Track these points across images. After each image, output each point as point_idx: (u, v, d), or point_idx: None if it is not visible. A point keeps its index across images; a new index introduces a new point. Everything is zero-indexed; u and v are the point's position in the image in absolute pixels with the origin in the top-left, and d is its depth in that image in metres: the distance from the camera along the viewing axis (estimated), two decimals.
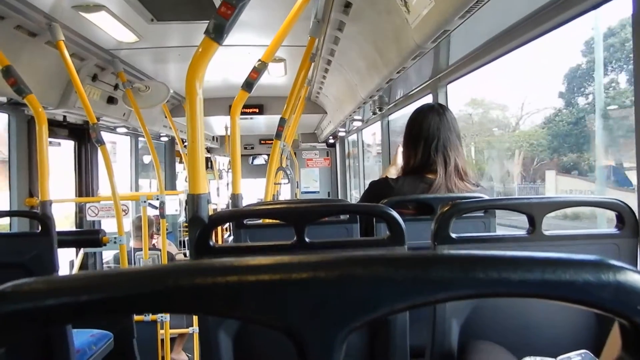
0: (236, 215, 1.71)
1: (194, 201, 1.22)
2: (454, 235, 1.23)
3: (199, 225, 1.21)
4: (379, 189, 1.98)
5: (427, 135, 1.95)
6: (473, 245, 1.23)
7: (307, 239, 1.24)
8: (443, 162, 1.92)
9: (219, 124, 7.11)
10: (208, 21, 3.27)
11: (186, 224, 7.48)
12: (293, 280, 0.35)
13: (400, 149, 2.25)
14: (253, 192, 8.65)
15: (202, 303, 0.35)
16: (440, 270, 0.34)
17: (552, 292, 0.34)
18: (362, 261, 0.35)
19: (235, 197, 2.13)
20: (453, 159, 1.94)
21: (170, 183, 7.29)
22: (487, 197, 1.72)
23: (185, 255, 4.99)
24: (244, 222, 1.88)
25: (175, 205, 4.56)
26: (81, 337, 2.44)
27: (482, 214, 1.82)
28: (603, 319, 1.24)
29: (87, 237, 2.98)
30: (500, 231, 1.84)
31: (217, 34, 1.24)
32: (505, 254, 0.36)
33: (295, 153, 7.72)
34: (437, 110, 2.04)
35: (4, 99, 3.26)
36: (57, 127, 4.15)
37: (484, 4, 1.64)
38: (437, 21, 1.87)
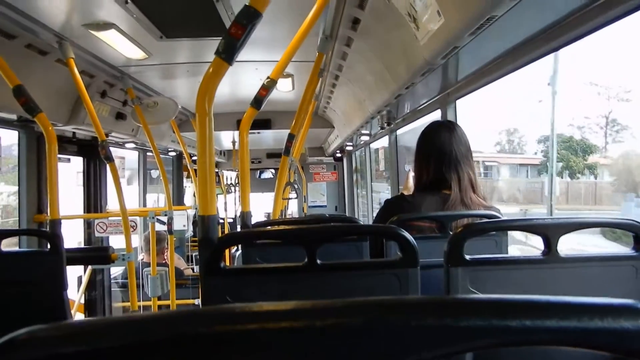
0: (246, 237, 1.70)
1: (204, 222, 1.21)
2: (467, 257, 1.20)
3: (210, 246, 1.20)
4: (395, 206, 1.97)
5: (439, 152, 1.96)
6: (487, 268, 1.21)
7: (318, 261, 1.22)
8: (457, 178, 1.92)
9: (227, 138, 7.13)
10: (216, 38, 3.27)
11: (194, 239, 7.48)
12: (317, 327, 0.33)
13: (412, 174, 2.24)
14: (260, 206, 8.63)
15: (221, 352, 0.34)
16: (471, 318, 0.33)
17: (590, 340, 0.33)
18: (389, 307, 0.34)
19: (244, 215, 2.12)
20: (466, 173, 1.93)
21: (177, 198, 7.30)
22: (500, 217, 1.70)
23: (193, 270, 4.97)
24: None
25: (183, 220, 4.56)
26: None
27: (494, 233, 1.79)
28: None
29: (96, 254, 2.98)
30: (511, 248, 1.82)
31: (227, 54, 1.24)
32: (539, 299, 0.34)
33: (302, 167, 7.71)
34: (447, 126, 2.06)
35: (14, 117, 3.29)
36: (67, 144, 4.17)
37: (495, 21, 1.63)
38: (447, 38, 1.86)
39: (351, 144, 6.63)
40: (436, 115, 3.19)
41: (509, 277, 1.20)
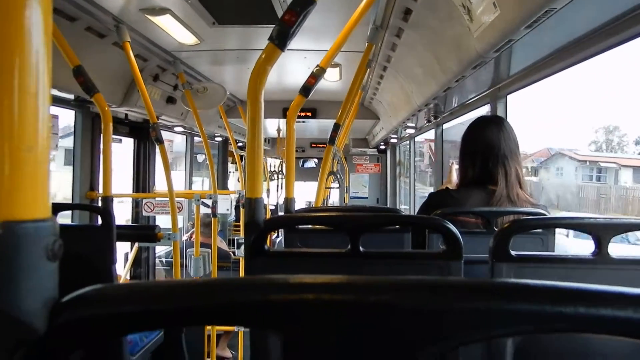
0: (292, 221, 1.72)
1: (251, 205, 1.24)
2: (513, 253, 1.19)
3: (255, 229, 1.22)
4: (439, 200, 1.95)
5: (486, 147, 1.93)
6: (533, 265, 1.19)
7: (361, 248, 1.23)
8: (504, 173, 1.90)
9: (271, 125, 7.20)
10: (267, 26, 3.31)
11: (236, 223, 7.61)
12: (370, 302, 0.34)
13: (455, 166, 2.21)
14: (302, 194, 8.69)
15: (277, 318, 0.35)
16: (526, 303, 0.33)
17: None
18: (442, 288, 0.34)
19: (288, 201, 2.15)
20: (514, 169, 1.91)
21: (221, 183, 7.44)
22: (547, 215, 1.66)
23: (234, 254, 5.07)
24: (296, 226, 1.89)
25: (226, 204, 4.65)
26: None
27: (541, 231, 1.76)
28: None
29: (143, 232, 3.08)
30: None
31: (280, 40, 1.25)
32: (594, 288, 0.34)
33: (345, 157, 7.72)
34: (495, 121, 2.03)
35: (71, 96, 3.43)
36: (119, 125, 4.32)
37: (553, 14, 1.58)
38: (502, 30, 1.82)
39: (396, 136, 6.58)
40: (485, 110, 3.13)
41: (555, 276, 1.18)
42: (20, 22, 0.36)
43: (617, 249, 1.19)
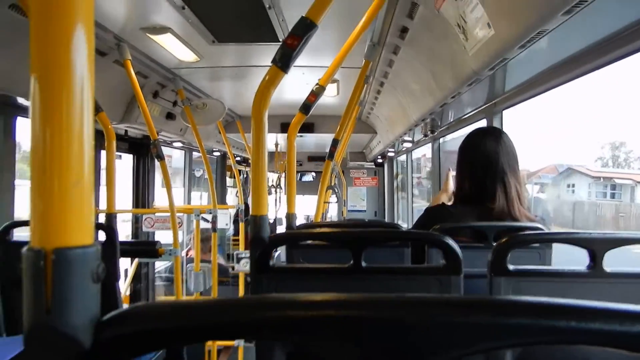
0: (297, 237, 1.76)
1: (256, 222, 1.27)
2: (511, 267, 1.22)
3: (260, 245, 1.26)
4: (435, 216, 1.92)
5: (484, 161, 1.87)
6: (531, 279, 1.23)
7: (363, 264, 1.26)
8: (503, 189, 1.83)
9: (269, 140, 7.25)
10: (265, 43, 3.34)
11: (234, 237, 7.62)
12: (375, 318, 0.37)
13: (452, 174, 2.21)
14: (300, 209, 8.72)
15: (288, 334, 0.39)
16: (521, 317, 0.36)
17: (631, 343, 0.36)
18: (445, 305, 0.38)
19: (290, 217, 2.18)
20: (514, 185, 1.84)
21: (220, 197, 7.46)
22: (545, 229, 1.69)
23: (233, 268, 5.09)
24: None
25: (225, 219, 4.67)
26: None
27: (538, 245, 1.78)
28: None
29: (145, 248, 3.10)
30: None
31: (283, 63, 1.30)
32: (585, 304, 0.37)
33: (342, 171, 7.76)
34: (494, 134, 1.95)
35: None
36: (119, 141, 4.35)
37: (546, 34, 1.63)
38: (496, 50, 1.87)
39: (393, 150, 6.62)
40: (481, 125, 3.18)
41: (552, 290, 1.22)
42: (70, 75, 0.41)
43: None
